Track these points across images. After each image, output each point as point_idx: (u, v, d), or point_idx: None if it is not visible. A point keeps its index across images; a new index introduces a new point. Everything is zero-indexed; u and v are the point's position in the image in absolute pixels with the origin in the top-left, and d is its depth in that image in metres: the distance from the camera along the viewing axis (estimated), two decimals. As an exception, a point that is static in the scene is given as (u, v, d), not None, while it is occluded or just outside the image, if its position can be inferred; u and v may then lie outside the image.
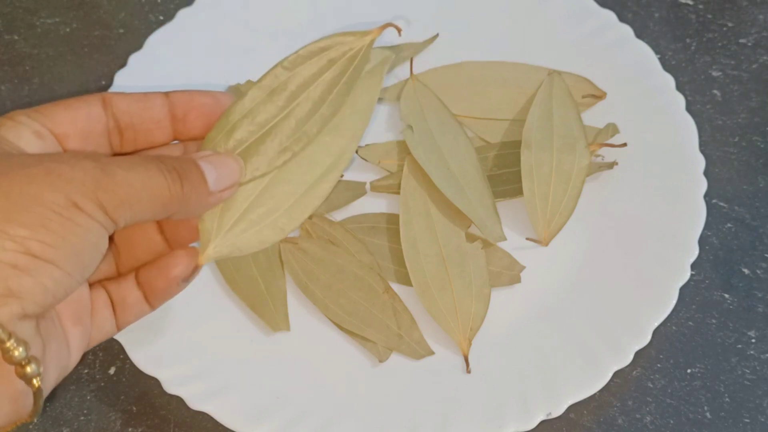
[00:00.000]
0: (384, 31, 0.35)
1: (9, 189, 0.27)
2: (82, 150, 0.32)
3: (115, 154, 0.33)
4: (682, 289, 0.41)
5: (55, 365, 0.30)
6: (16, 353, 0.26)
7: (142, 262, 0.34)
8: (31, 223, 0.26)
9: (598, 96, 0.48)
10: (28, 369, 0.26)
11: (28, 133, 0.30)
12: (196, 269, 0.33)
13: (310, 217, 0.44)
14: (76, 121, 0.32)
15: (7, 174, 0.27)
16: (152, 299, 0.33)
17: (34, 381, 0.26)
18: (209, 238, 0.33)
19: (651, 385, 0.41)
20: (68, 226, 0.27)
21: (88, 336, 0.32)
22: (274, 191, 0.33)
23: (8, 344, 0.26)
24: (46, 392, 0.28)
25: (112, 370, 0.42)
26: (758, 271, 0.44)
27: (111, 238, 0.34)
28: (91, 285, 0.33)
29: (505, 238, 0.43)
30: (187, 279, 0.33)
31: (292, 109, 0.34)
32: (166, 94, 0.34)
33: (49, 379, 0.29)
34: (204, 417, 0.39)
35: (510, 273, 0.43)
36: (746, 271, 0.44)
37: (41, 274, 0.26)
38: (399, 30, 0.35)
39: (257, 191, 0.34)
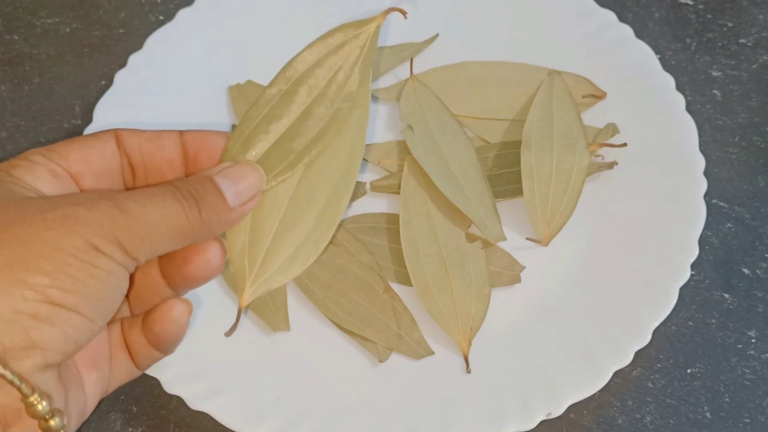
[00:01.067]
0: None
1: (27, 236, 0.26)
2: (97, 188, 0.31)
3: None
4: (682, 289, 0.41)
5: (76, 410, 0.29)
6: (40, 407, 0.25)
7: (150, 305, 0.32)
8: (50, 271, 0.26)
9: (598, 96, 0.48)
10: (52, 423, 0.26)
11: (43, 173, 0.30)
12: (183, 321, 0.31)
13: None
14: (91, 160, 0.31)
15: (24, 221, 0.27)
16: (156, 346, 0.32)
17: None
18: (244, 280, 0.32)
19: (651, 385, 0.41)
20: (89, 270, 0.26)
21: (105, 381, 0.31)
22: (296, 213, 0.33)
23: (32, 398, 0.25)
24: None
25: (112, 370, 0.42)
26: (758, 271, 0.44)
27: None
28: (109, 324, 0.32)
29: (505, 238, 0.43)
30: (179, 332, 0.32)
31: (309, 107, 0.33)
32: (181, 133, 0.33)
33: (70, 425, 0.29)
34: (204, 417, 0.39)
35: (510, 273, 0.43)
36: (746, 271, 0.44)
37: (63, 322, 0.26)
38: (404, 14, 0.34)
39: (279, 217, 0.33)
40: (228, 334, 0.33)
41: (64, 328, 0.26)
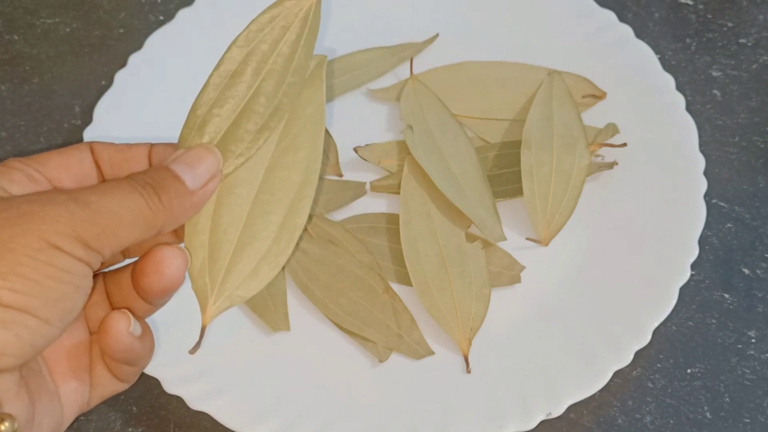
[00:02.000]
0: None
1: None
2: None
3: None
4: (682, 289, 0.41)
5: (48, 421, 0.28)
6: None
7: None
8: (1, 271, 0.25)
9: (598, 96, 0.48)
10: (2, 427, 0.25)
11: (21, 177, 0.29)
12: (178, 275, 0.31)
13: (310, 218, 0.44)
14: (70, 166, 0.31)
15: None
16: (144, 298, 0.31)
17: None
18: (206, 297, 0.32)
19: (651, 385, 0.41)
20: (44, 270, 0.26)
21: (85, 391, 0.31)
22: (254, 228, 0.32)
23: None
24: None
25: (112, 370, 0.42)
26: (758, 271, 0.44)
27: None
28: (92, 334, 0.32)
29: (505, 238, 0.43)
30: (171, 287, 0.31)
31: (259, 85, 0.33)
32: (151, 145, 0.33)
33: None
34: (204, 417, 0.39)
35: (510, 273, 0.43)
36: (746, 271, 0.44)
37: (15, 324, 0.25)
38: None
39: (237, 233, 0.32)
40: (192, 352, 0.32)
41: (17, 331, 0.25)
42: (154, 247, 0.30)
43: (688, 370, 0.41)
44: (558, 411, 0.38)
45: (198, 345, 0.32)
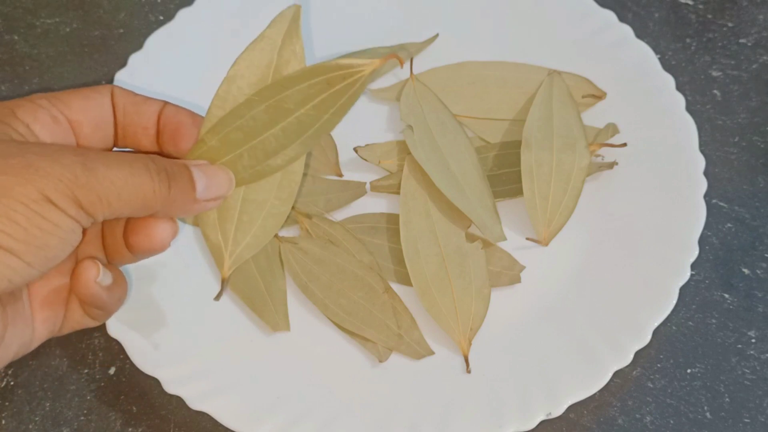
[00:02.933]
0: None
1: None
2: (85, 144, 0.33)
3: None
4: (682, 289, 0.41)
5: (17, 342, 0.31)
6: None
7: (116, 261, 0.34)
8: None
9: (598, 96, 0.48)
10: None
11: (45, 117, 0.31)
12: (165, 243, 0.33)
13: (310, 217, 0.44)
14: (90, 110, 0.33)
15: None
16: (132, 252, 0.33)
17: None
18: (221, 253, 0.35)
19: (651, 385, 0.41)
20: (34, 220, 0.27)
21: (57, 321, 0.33)
22: (256, 187, 0.35)
23: None
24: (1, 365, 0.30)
25: (112, 370, 0.42)
26: (758, 271, 0.44)
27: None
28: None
29: (505, 238, 0.43)
30: (156, 251, 0.33)
31: (285, 125, 0.34)
32: (164, 103, 0.34)
33: (7, 353, 0.30)
34: (204, 417, 0.39)
35: (510, 273, 0.43)
36: (746, 271, 0.44)
37: None
38: (401, 62, 0.35)
39: (241, 192, 0.35)
40: (216, 299, 0.36)
41: None
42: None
43: (688, 370, 0.41)
44: (558, 411, 0.38)
45: (220, 294, 0.36)
